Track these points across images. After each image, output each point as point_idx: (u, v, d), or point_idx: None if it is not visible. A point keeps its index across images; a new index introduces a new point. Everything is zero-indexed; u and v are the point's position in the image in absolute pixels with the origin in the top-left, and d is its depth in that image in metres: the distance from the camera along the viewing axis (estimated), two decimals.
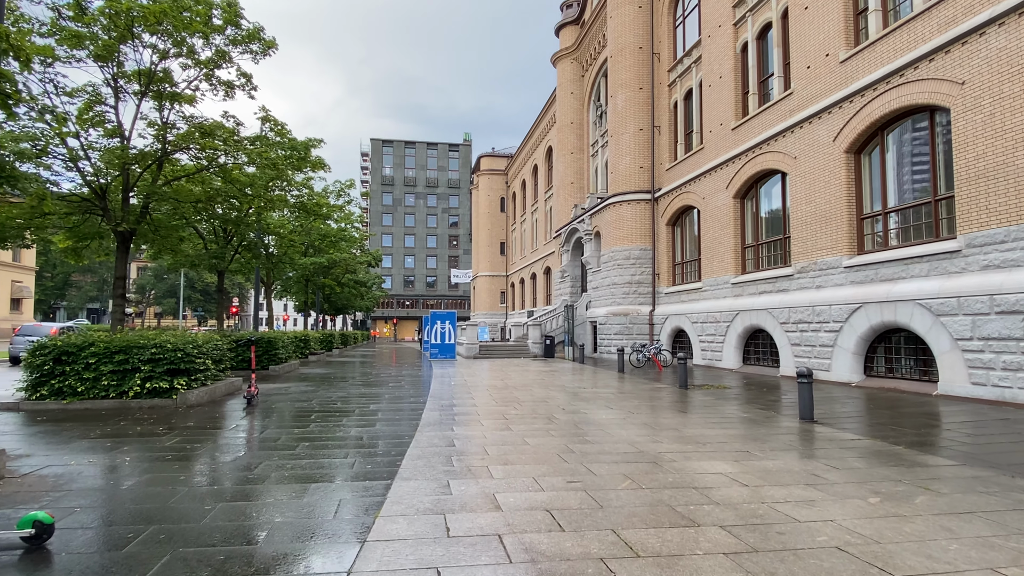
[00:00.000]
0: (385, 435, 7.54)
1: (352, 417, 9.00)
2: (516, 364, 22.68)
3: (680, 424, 8.53)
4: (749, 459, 6.28)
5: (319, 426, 8.18)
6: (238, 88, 13.02)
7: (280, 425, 8.36)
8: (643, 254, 24.69)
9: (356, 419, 8.81)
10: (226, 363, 12.30)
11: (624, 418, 9.02)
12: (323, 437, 7.34)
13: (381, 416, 9.11)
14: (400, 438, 7.31)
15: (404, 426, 8.20)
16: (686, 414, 9.55)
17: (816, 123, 15.39)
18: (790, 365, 15.79)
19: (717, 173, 20.03)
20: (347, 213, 32.65)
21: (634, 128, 25.03)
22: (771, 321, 16.61)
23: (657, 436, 7.54)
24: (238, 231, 17.89)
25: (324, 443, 6.96)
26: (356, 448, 6.70)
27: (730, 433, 7.84)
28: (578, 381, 15.49)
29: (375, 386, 14.01)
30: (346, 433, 7.62)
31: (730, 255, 19.15)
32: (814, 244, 15.35)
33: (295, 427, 8.13)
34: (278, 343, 16.63)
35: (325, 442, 7.02)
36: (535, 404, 10.61)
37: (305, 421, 8.67)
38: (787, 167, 16.49)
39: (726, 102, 19.70)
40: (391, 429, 7.95)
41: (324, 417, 9.03)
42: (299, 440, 7.15)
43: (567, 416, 9.16)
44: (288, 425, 8.35)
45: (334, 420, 8.71)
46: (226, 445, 6.90)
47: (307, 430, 7.86)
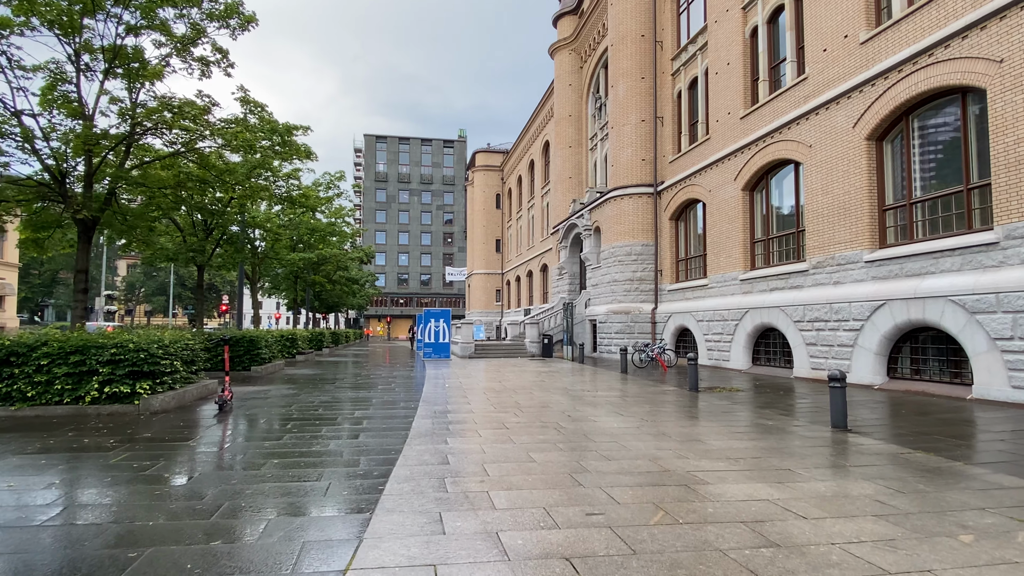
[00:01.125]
0: (369, 449, 6.56)
1: (334, 426, 8.01)
2: (513, 364, 21.73)
3: (701, 434, 7.59)
4: (794, 480, 5.35)
5: (294, 437, 7.20)
6: (214, 65, 12.00)
7: (250, 437, 7.37)
8: (645, 250, 23.76)
9: (338, 429, 7.83)
10: (199, 364, 11.29)
11: (638, 426, 8.08)
12: (297, 452, 6.36)
13: (367, 425, 8.13)
14: (386, 453, 6.34)
15: (392, 437, 7.22)
16: (705, 421, 8.62)
17: (834, 109, 14.48)
18: (805, 366, 14.90)
19: (724, 164, 19.12)
20: (338, 208, 31.58)
21: (636, 119, 24.09)
22: (784, 319, 15.72)
23: (680, 449, 6.60)
24: (219, 223, 16.83)
25: (297, 460, 5.97)
26: (334, 467, 5.73)
27: (760, 445, 6.91)
28: (580, 383, 14.55)
29: (363, 389, 13.02)
30: (324, 447, 6.64)
31: (738, 250, 18.24)
32: (831, 237, 14.45)
33: (267, 439, 7.15)
34: (260, 342, 15.60)
35: (298, 459, 6.03)
36: (537, 410, 9.65)
37: (280, 431, 7.68)
38: (801, 156, 15.59)
39: (734, 90, 18.79)
40: (377, 442, 6.97)
41: (302, 426, 8.04)
42: (268, 456, 6.16)
43: (574, 425, 8.21)
44: (259, 437, 7.36)
45: (312, 430, 7.72)
46: (181, 464, 5.91)
47: (280, 443, 6.87)
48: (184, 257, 16.86)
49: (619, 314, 23.86)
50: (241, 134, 12.31)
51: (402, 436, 7.29)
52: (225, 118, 12.66)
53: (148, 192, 12.50)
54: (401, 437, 7.22)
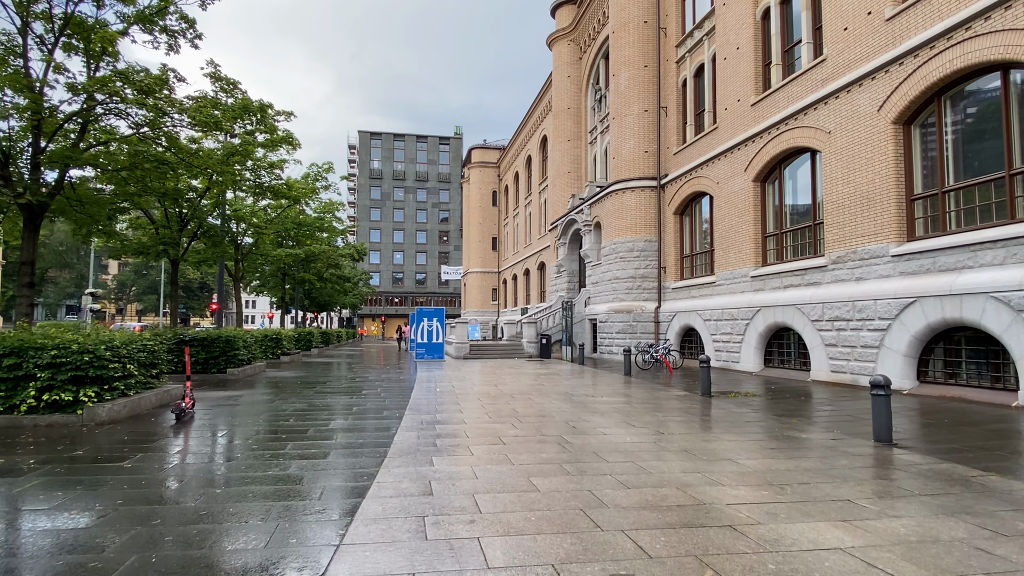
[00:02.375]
0: (337, 473, 5.46)
1: (302, 441, 6.90)
2: (510, 366, 20.63)
3: (729, 451, 6.51)
4: (861, 516, 4.28)
5: (252, 457, 6.09)
6: (180, 36, 10.87)
7: (199, 456, 6.26)
8: (648, 246, 22.70)
9: (306, 445, 6.72)
10: (161, 367, 10.16)
11: (654, 441, 7.00)
12: (249, 478, 5.26)
13: (341, 440, 7.02)
14: (358, 479, 5.24)
15: (367, 456, 6.12)
16: (728, 434, 7.54)
17: (856, 92, 13.44)
18: (823, 368, 13.85)
19: (733, 155, 18.06)
20: (328, 202, 30.37)
21: (638, 109, 23.02)
22: (800, 318, 14.67)
23: (709, 471, 5.53)
24: (195, 215, 15.66)
25: (245, 490, 4.87)
26: (288, 500, 4.62)
27: (803, 466, 5.84)
28: (583, 387, 13.47)
29: (346, 394, 11.91)
30: (283, 470, 5.53)
31: (749, 245, 17.19)
32: (853, 230, 13.41)
33: (218, 460, 6.04)
34: (237, 343, 14.45)
35: (247, 488, 4.93)
36: (537, 420, 8.56)
37: (237, 449, 6.58)
38: (819, 144, 14.54)
39: (744, 75, 17.73)
40: (348, 463, 5.86)
41: (265, 442, 6.93)
42: (211, 485, 5.06)
43: (580, 439, 7.12)
44: (210, 456, 6.25)
45: (275, 447, 6.61)
46: (99, 496, 4.79)
47: (232, 465, 5.77)
48: (155, 250, 15.68)
49: (621, 313, 22.79)
50: (205, 109, 11.17)
51: (380, 454, 6.19)
52: (192, 95, 11.54)
53: (104, 176, 11.35)
54: (378, 456, 6.12)
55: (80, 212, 11.67)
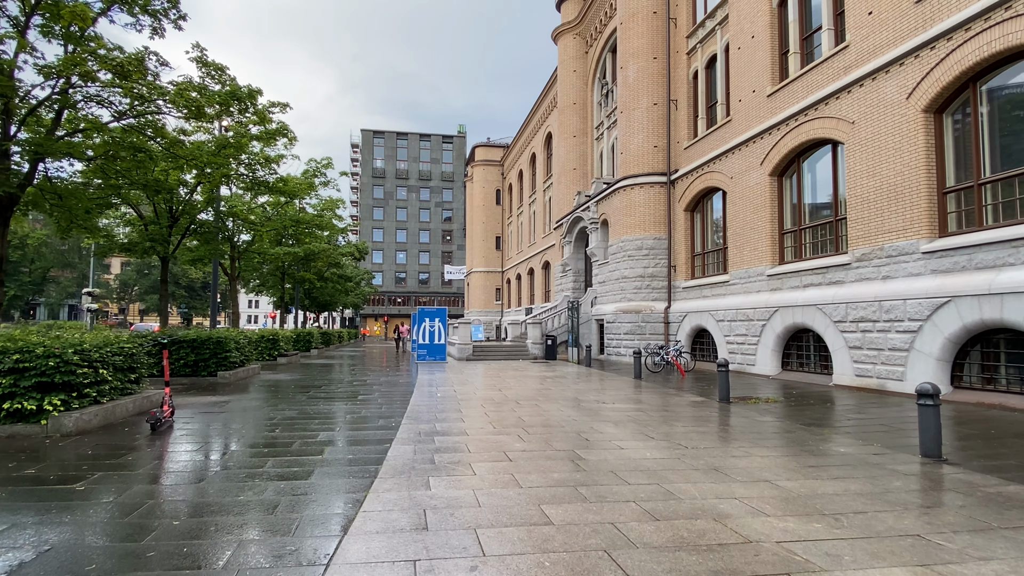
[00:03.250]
0: (319, 499, 4.74)
1: (284, 457, 6.19)
2: (514, 368, 19.91)
3: (764, 469, 5.77)
4: (943, 560, 3.55)
5: (224, 478, 5.38)
6: (162, 16, 10.18)
7: (167, 475, 5.55)
8: (657, 244, 21.94)
9: (288, 462, 6.00)
10: (141, 371, 9.46)
11: (678, 457, 6.26)
12: (216, 506, 4.54)
13: (328, 455, 6.30)
14: (342, 506, 4.52)
15: (356, 476, 5.41)
16: (758, 448, 6.80)
17: (882, 79, 12.66)
18: (847, 372, 13.09)
19: (748, 148, 17.30)
20: (329, 200, 29.67)
21: (647, 102, 22.26)
22: (821, 319, 13.90)
23: (748, 497, 4.79)
24: (186, 211, 14.97)
25: (208, 524, 4.16)
26: (255, 536, 3.91)
27: (853, 489, 5.11)
28: (592, 392, 12.74)
29: (341, 399, 11.20)
30: (257, 495, 4.82)
31: (765, 242, 16.42)
32: (880, 226, 12.64)
33: (186, 480, 5.33)
34: (228, 344, 13.76)
35: (212, 520, 4.22)
36: (546, 431, 7.84)
37: (211, 466, 5.87)
38: (842, 135, 13.77)
39: (760, 65, 16.96)
40: (333, 485, 5.15)
41: (244, 457, 6.23)
42: (170, 514, 4.35)
43: (595, 454, 6.39)
44: (178, 475, 5.54)
45: (255, 464, 5.90)
46: (33, 531, 4.08)
47: (201, 487, 5.05)
48: (142, 247, 14.98)
49: (629, 313, 22.04)
50: (186, 94, 10.46)
51: (371, 473, 5.47)
52: (176, 80, 10.83)
53: (90, 170, 10.66)
54: (369, 475, 5.40)
55: (56, 206, 10.97)
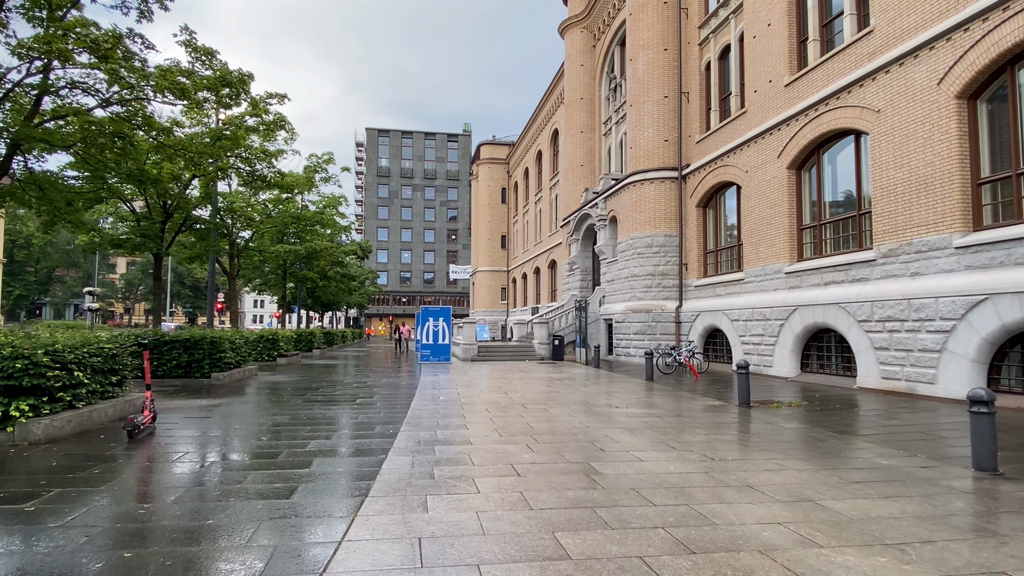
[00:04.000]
0: (298, 524, 4.12)
1: (267, 471, 5.58)
2: (520, 369, 19.28)
3: (804, 486, 5.12)
4: None
5: (196, 496, 4.77)
6: None
7: (132, 492, 4.94)
8: (668, 241, 21.26)
9: (270, 476, 5.39)
10: (124, 373, 8.88)
11: (706, 471, 5.62)
12: (178, 532, 3.93)
13: (316, 468, 5.69)
14: (323, 535, 3.90)
15: (344, 495, 4.79)
16: (793, 460, 6.15)
17: (911, 65, 11.96)
18: (872, 374, 12.39)
19: (765, 140, 16.60)
20: (332, 197, 29.11)
21: (658, 95, 21.58)
22: (844, 318, 13.20)
23: (794, 522, 4.15)
24: (180, 206, 14.41)
25: (166, 555, 3.55)
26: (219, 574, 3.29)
27: (910, 511, 4.46)
28: (603, 395, 12.10)
29: (337, 403, 10.60)
30: (229, 518, 4.20)
31: (783, 238, 15.73)
32: (907, 220, 11.94)
33: (153, 497, 4.73)
34: (223, 344, 13.18)
35: (169, 552, 3.60)
36: (556, 439, 7.20)
37: (184, 481, 5.27)
38: (866, 124, 13.07)
39: (777, 54, 16.26)
40: (317, 506, 4.53)
41: (223, 471, 5.63)
42: (124, 542, 3.74)
43: (613, 468, 5.75)
44: (145, 491, 4.93)
45: (233, 479, 5.30)
46: None
47: (167, 508, 4.44)
48: (132, 243, 14.41)
49: (639, 313, 21.37)
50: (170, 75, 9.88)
51: (361, 491, 4.85)
52: (161, 64, 10.26)
53: (77, 162, 10.10)
54: (359, 493, 4.78)
55: (37, 198, 10.39)
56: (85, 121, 9.85)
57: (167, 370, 12.84)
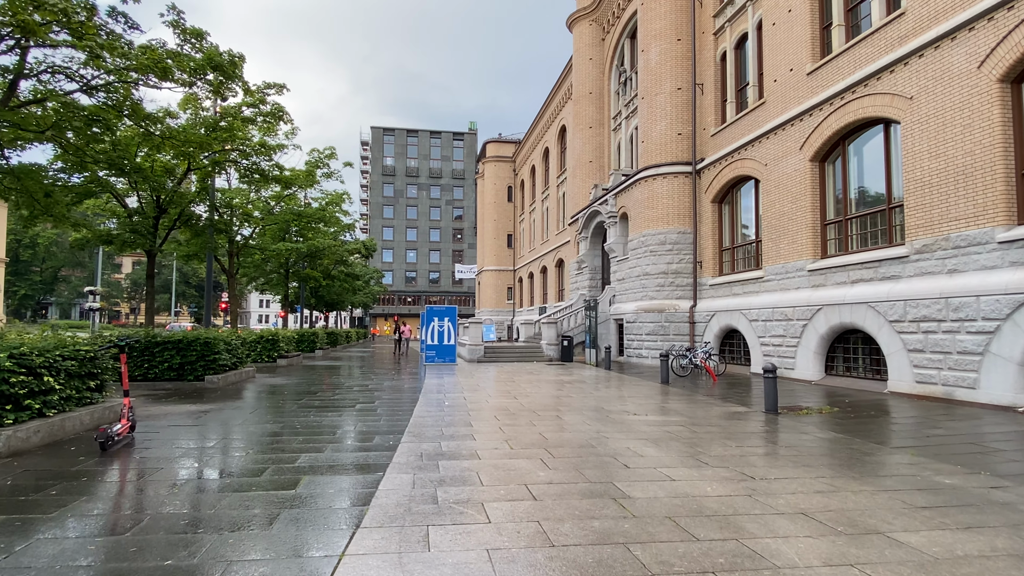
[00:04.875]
0: (275, 569, 3.44)
1: (248, 492, 4.90)
2: (529, 371, 18.58)
3: (867, 513, 4.40)
4: None
5: (158, 526, 4.10)
6: None
7: (86, 519, 4.26)
8: (681, 238, 20.51)
9: (250, 500, 4.71)
10: (105, 378, 8.24)
11: (749, 494, 4.91)
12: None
13: (303, 489, 5.00)
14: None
15: (331, 526, 4.11)
16: (843, 479, 5.43)
17: (948, 48, 11.19)
18: (906, 378, 11.62)
19: (785, 132, 15.84)
20: (335, 194, 28.46)
21: (670, 87, 20.84)
22: (874, 318, 12.44)
23: (867, 563, 3.45)
24: (174, 200, 13.78)
25: None
26: None
27: (1003, 548, 3.77)
28: (617, 400, 11.39)
29: (335, 409, 9.93)
30: (190, 557, 3.53)
31: (806, 234, 14.96)
32: (944, 213, 11.17)
33: (108, 528, 4.05)
34: (218, 345, 12.55)
35: None
36: (574, 453, 6.50)
37: (149, 504, 4.59)
38: (896, 112, 12.30)
39: (798, 41, 15.50)
40: (296, 541, 3.84)
41: (195, 492, 4.96)
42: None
43: (642, 489, 5.04)
44: (102, 519, 4.25)
45: (206, 503, 4.62)
46: None
47: (113, 546, 3.77)
48: (121, 238, 13.78)
49: (651, 312, 20.63)
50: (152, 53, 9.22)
51: (351, 521, 4.17)
52: (144, 44, 9.62)
53: (59, 155, 9.47)
54: (348, 524, 4.10)
55: (13, 188, 9.76)
56: (59, 103, 9.21)
57: (158, 373, 12.22)
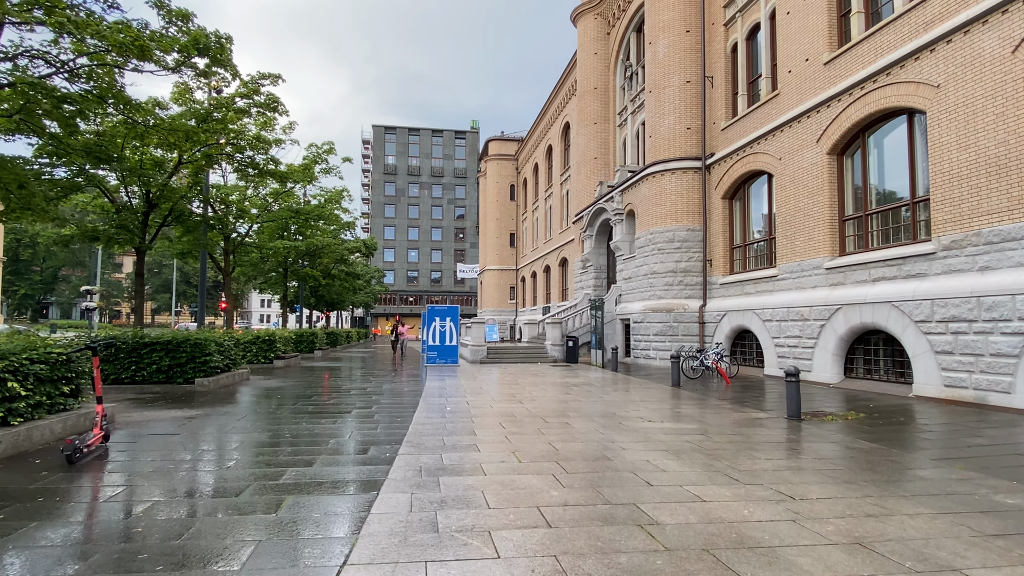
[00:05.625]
0: None
1: (221, 517, 4.31)
2: (533, 372, 17.99)
3: (934, 544, 3.81)
4: None
5: (111, 566, 3.51)
6: None
7: (16, 556, 3.67)
8: (690, 235, 19.90)
9: (222, 528, 4.13)
10: (81, 382, 7.66)
11: (793, 519, 4.31)
12: None
13: (283, 514, 4.41)
14: None
15: (308, 568, 3.52)
16: (892, 497, 4.83)
17: (978, 32, 10.57)
18: (933, 381, 11.00)
19: (801, 124, 15.23)
20: (335, 191, 27.87)
21: (679, 80, 20.23)
22: (898, 319, 11.82)
23: None
24: (164, 195, 13.21)
25: None
26: None
27: None
28: (629, 404, 10.79)
29: (329, 415, 9.35)
30: None
31: (823, 230, 14.35)
32: (975, 207, 10.55)
33: (48, 566, 3.46)
34: (209, 347, 11.97)
35: None
36: (589, 467, 5.90)
37: (107, 535, 4.00)
38: (923, 102, 11.69)
39: (815, 29, 14.89)
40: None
41: (166, 515, 4.37)
42: None
43: (671, 513, 4.44)
44: (43, 554, 3.67)
45: (172, 532, 4.03)
46: None
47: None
48: (107, 234, 13.20)
49: (659, 312, 20.02)
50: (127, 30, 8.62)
51: (337, 555, 3.58)
52: (119, 19, 9.04)
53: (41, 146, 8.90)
54: (334, 560, 3.51)
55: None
56: (27, 84, 8.63)
57: (146, 375, 11.65)
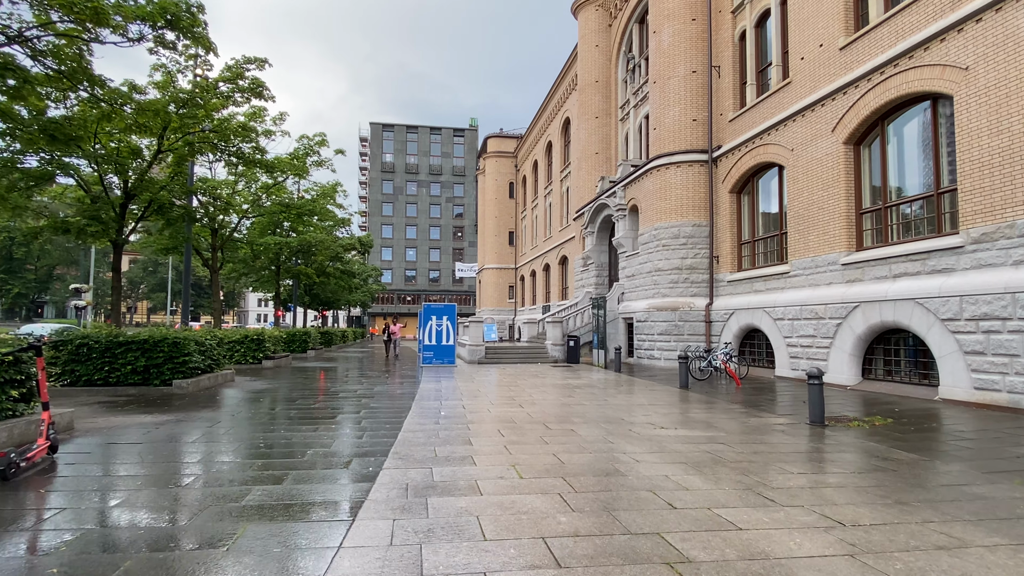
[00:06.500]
0: None
1: (163, 554, 3.57)
2: (533, 374, 17.26)
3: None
4: None
5: None
6: None
7: None
8: (696, 231, 19.18)
9: (161, 568, 3.39)
10: (32, 385, 6.91)
11: (851, 552, 3.59)
12: None
13: (241, 544, 3.67)
14: None
15: None
16: (958, 523, 4.11)
17: (1011, 9, 9.86)
18: (962, 383, 10.29)
19: (815, 113, 14.51)
20: (330, 186, 27.11)
21: (684, 70, 19.51)
22: (922, 317, 11.11)
23: None
24: (143, 186, 12.46)
25: None
26: None
27: None
28: (637, 408, 10.06)
29: (312, 421, 8.61)
30: None
31: (839, 224, 13.64)
32: (1008, 197, 9.84)
33: None
34: (188, 346, 11.23)
35: None
36: (602, 484, 5.17)
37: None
38: (949, 85, 10.97)
39: (829, 13, 14.17)
40: None
41: (100, 548, 3.63)
42: None
43: (703, 546, 3.72)
44: None
45: (100, 572, 3.29)
46: None
47: None
48: (78, 225, 12.40)
49: (664, 311, 19.30)
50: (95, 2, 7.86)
51: None
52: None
53: None
54: None
55: None
56: None
57: (121, 376, 10.91)
